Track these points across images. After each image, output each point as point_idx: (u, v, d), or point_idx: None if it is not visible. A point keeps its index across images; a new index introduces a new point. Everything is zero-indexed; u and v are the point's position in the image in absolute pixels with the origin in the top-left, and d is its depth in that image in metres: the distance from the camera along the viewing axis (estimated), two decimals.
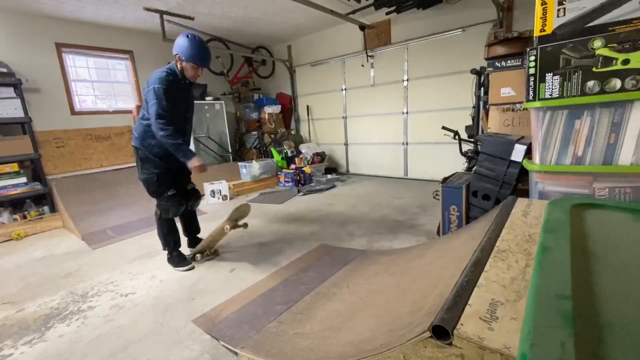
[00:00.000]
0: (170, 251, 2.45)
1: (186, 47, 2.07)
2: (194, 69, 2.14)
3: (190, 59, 2.09)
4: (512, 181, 2.06)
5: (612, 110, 1.44)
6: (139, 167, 2.31)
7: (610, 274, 0.84)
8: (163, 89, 2.04)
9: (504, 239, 1.16)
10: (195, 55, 2.09)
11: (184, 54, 2.08)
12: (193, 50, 2.07)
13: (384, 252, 2.30)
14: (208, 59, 2.19)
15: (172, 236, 2.44)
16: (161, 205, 2.35)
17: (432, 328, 0.78)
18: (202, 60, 2.14)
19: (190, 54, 2.08)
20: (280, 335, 1.47)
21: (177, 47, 2.09)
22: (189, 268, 2.40)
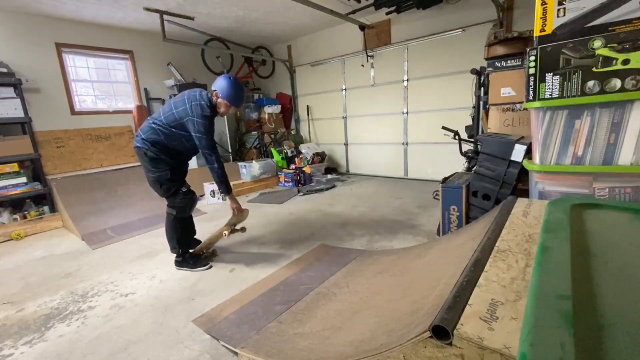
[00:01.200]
0: (183, 253, 2.41)
1: (226, 87, 2.20)
2: (226, 107, 2.24)
3: (227, 98, 2.20)
4: (512, 181, 2.06)
5: (612, 110, 1.44)
6: (149, 167, 2.25)
7: (610, 274, 0.84)
8: (210, 117, 2.18)
9: (504, 239, 1.16)
10: (232, 96, 2.22)
11: (222, 92, 2.20)
12: (232, 91, 2.20)
13: (384, 252, 2.30)
14: (242, 100, 2.36)
15: (184, 237, 2.42)
16: (176, 203, 2.32)
17: (432, 328, 0.78)
18: (238, 101, 2.27)
19: (228, 94, 2.20)
20: (280, 335, 1.47)
21: (217, 85, 2.21)
22: (208, 267, 2.39)
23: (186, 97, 2.21)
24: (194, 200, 2.41)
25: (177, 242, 2.39)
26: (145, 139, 2.22)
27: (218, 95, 2.20)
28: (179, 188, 2.33)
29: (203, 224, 3.53)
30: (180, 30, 4.87)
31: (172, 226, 2.37)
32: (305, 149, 5.92)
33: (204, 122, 2.14)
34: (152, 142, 2.22)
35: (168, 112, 2.22)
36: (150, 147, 2.22)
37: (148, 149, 2.21)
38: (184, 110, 2.17)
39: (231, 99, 2.21)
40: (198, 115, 2.13)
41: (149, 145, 2.21)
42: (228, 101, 2.20)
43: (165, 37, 4.41)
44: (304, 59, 6.18)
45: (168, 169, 2.26)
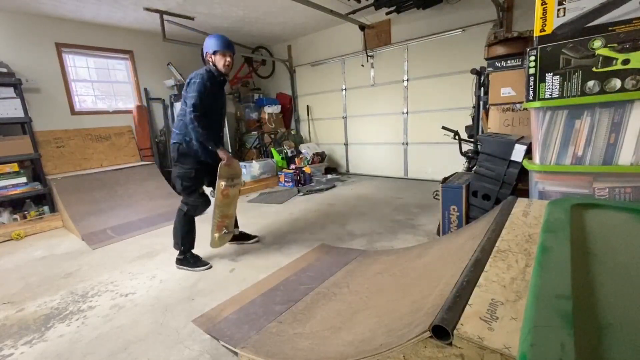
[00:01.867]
0: (185, 251, 2.45)
1: (210, 41, 2.30)
2: (221, 56, 2.29)
3: (215, 47, 2.28)
4: (512, 181, 2.06)
5: (612, 110, 1.44)
6: (177, 163, 2.37)
7: (610, 274, 0.84)
8: (203, 84, 2.21)
9: (504, 239, 1.16)
10: (217, 43, 2.29)
11: (210, 48, 2.30)
12: (215, 40, 2.29)
13: (384, 252, 2.30)
14: (230, 44, 2.35)
15: (189, 236, 2.46)
16: (190, 202, 2.40)
17: (432, 328, 0.78)
18: (225, 44, 2.30)
19: (213, 44, 2.29)
20: (280, 335, 1.47)
21: (205, 47, 2.33)
22: (208, 267, 2.42)
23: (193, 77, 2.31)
24: (207, 202, 2.47)
25: (181, 239, 2.43)
26: (179, 133, 2.33)
27: (209, 53, 2.31)
28: (199, 188, 2.42)
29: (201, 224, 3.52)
30: (180, 30, 4.86)
31: (181, 222, 2.43)
32: (305, 149, 5.92)
33: (196, 82, 2.22)
34: (184, 135, 2.31)
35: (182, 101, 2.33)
36: (182, 140, 2.32)
37: (181, 143, 2.32)
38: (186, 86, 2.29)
39: (218, 45, 2.28)
40: (191, 78, 2.26)
41: (180, 139, 2.32)
42: (216, 49, 2.28)
43: (165, 37, 4.41)
44: (304, 59, 6.18)
45: (194, 168, 2.35)
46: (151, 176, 4.55)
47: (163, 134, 5.34)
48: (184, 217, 2.42)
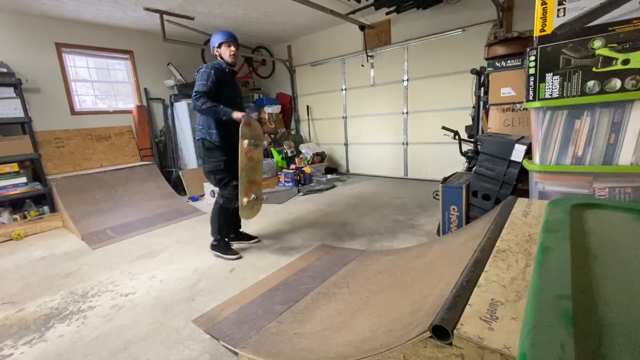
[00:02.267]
0: (220, 239, 2.58)
1: (214, 37, 2.45)
2: (226, 47, 2.41)
3: (219, 40, 2.41)
4: (512, 181, 2.06)
5: (612, 110, 1.44)
6: (206, 158, 2.46)
7: (610, 274, 0.84)
8: (208, 72, 2.31)
9: (504, 239, 1.16)
10: (220, 35, 2.42)
11: (214, 42, 2.43)
12: (218, 34, 2.43)
13: (384, 252, 2.30)
14: (233, 35, 2.46)
15: (225, 225, 2.58)
16: (225, 195, 2.48)
17: (432, 328, 0.78)
18: (228, 35, 2.43)
19: (217, 38, 2.43)
20: (280, 335, 1.47)
21: (210, 44, 2.47)
22: (237, 257, 2.52)
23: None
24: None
25: (217, 229, 2.55)
26: (201, 129, 2.42)
27: (215, 49, 2.44)
28: (231, 180, 2.46)
29: (202, 225, 3.53)
30: (180, 30, 4.86)
31: (217, 213, 2.53)
32: (305, 149, 5.92)
33: (203, 71, 2.32)
34: (208, 127, 2.40)
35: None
36: (206, 136, 2.40)
37: (205, 138, 2.41)
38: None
39: (221, 36, 2.41)
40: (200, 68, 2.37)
41: (205, 134, 2.40)
42: (221, 40, 2.40)
43: (165, 37, 4.41)
44: (304, 59, 6.18)
45: (222, 160, 2.42)
46: (151, 176, 4.55)
47: (163, 134, 5.34)
48: (220, 208, 2.51)
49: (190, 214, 3.90)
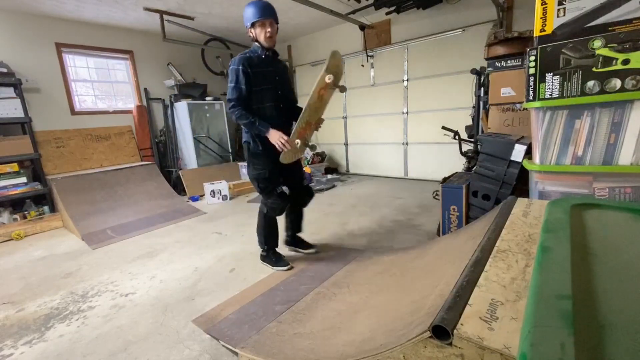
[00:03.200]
0: (268, 249, 2.36)
1: (246, 13, 1.98)
2: (261, 27, 1.97)
3: (252, 17, 1.95)
4: (512, 181, 2.06)
5: (612, 110, 1.44)
6: (250, 163, 2.19)
7: (610, 274, 0.84)
8: (236, 71, 1.98)
9: (504, 239, 1.16)
10: (254, 12, 1.95)
11: (247, 21, 1.98)
12: (251, 9, 1.95)
13: (384, 252, 2.30)
14: (269, 9, 1.98)
15: (272, 236, 2.33)
16: (268, 204, 2.22)
17: (432, 328, 0.78)
18: (262, 11, 1.95)
19: (250, 15, 1.96)
20: (280, 335, 1.47)
21: (244, 22, 2.02)
22: (288, 268, 2.25)
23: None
24: (286, 202, 2.27)
25: (264, 239, 2.33)
26: (246, 132, 2.15)
27: (249, 29, 2.02)
28: (275, 188, 2.21)
29: (203, 224, 3.53)
30: (180, 30, 4.86)
31: (262, 224, 2.31)
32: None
33: (231, 71, 2.01)
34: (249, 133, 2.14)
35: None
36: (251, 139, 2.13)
37: (249, 142, 2.14)
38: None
39: (252, 15, 1.95)
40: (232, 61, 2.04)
41: (249, 137, 2.13)
42: (254, 19, 1.95)
43: (165, 37, 4.41)
44: (304, 59, 6.18)
45: (266, 169, 2.15)
46: (151, 176, 4.56)
47: (163, 134, 5.34)
48: (264, 218, 2.28)
49: (190, 214, 3.90)
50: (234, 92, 2.01)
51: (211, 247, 2.83)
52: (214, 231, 3.26)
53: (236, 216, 3.75)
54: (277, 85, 2.15)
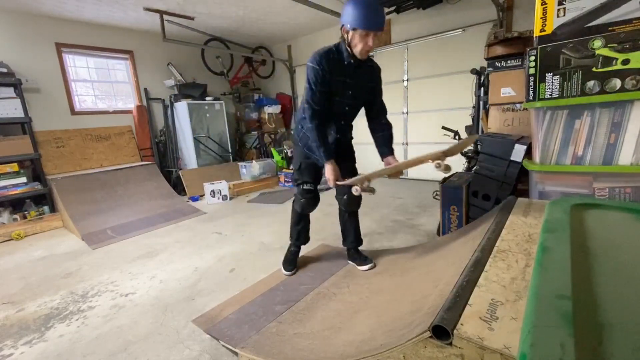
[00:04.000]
0: (290, 246, 2.25)
1: (352, 9, 1.54)
2: (362, 38, 1.59)
3: (357, 22, 1.54)
4: (512, 181, 2.06)
5: (612, 110, 1.44)
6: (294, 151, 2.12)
7: (610, 274, 0.84)
8: (314, 70, 1.69)
9: (504, 239, 1.16)
10: (362, 17, 1.53)
11: (349, 19, 1.56)
12: (360, 9, 1.52)
13: (383, 252, 2.30)
14: (379, 19, 1.58)
15: (296, 231, 2.21)
16: (296, 196, 2.15)
17: (432, 328, 0.78)
18: (373, 22, 1.55)
19: (354, 17, 1.54)
20: (280, 335, 1.47)
21: (343, 15, 1.61)
22: (290, 274, 2.15)
23: None
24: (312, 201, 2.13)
25: (290, 229, 2.24)
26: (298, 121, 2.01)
27: (346, 28, 1.61)
28: (303, 183, 2.07)
29: (203, 224, 3.53)
30: (180, 30, 4.86)
31: (292, 212, 2.23)
32: None
33: (309, 70, 1.72)
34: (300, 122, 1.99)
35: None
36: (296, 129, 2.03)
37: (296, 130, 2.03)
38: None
39: (360, 21, 1.54)
40: (310, 60, 1.74)
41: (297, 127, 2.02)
42: (358, 26, 1.55)
43: (165, 37, 4.41)
44: (304, 59, 6.18)
45: (300, 161, 2.03)
46: (151, 176, 4.56)
47: (163, 134, 5.34)
48: (292, 210, 2.21)
49: (190, 214, 3.90)
50: (311, 96, 1.74)
51: (211, 247, 2.83)
52: (214, 231, 3.26)
53: (236, 216, 3.75)
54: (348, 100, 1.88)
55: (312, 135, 1.77)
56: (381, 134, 1.99)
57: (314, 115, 1.75)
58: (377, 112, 2.00)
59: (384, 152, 1.97)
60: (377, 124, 2.00)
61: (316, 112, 1.76)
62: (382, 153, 1.98)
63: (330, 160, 1.80)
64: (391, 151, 1.96)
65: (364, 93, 1.92)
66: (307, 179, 2.07)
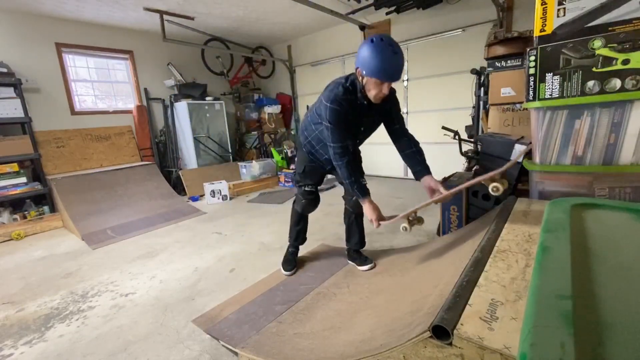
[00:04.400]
0: (289, 247, 2.27)
1: (368, 56, 1.51)
2: (377, 85, 1.58)
3: (371, 73, 1.54)
4: (512, 181, 2.06)
5: (612, 110, 1.43)
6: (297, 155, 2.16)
7: (610, 274, 0.84)
8: (337, 111, 1.64)
9: (504, 239, 1.16)
10: (377, 68, 1.51)
11: (364, 66, 1.54)
12: (376, 59, 1.50)
13: (383, 252, 2.30)
14: (396, 70, 1.56)
15: (294, 231, 2.22)
16: (297, 196, 2.16)
17: (432, 328, 0.78)
18: (387, 73, 1.54)
19: (370, 66, 1.52)
20: (280, 335, 1.47)
21: (358, 58, 1.57)
22: (289, 274, 2.16)
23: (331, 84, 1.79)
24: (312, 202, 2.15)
25: (289, 229, 2.26)
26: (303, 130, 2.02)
27: (361, 72, 1.58)
28: (305, 185, 2.09)
29: (202, 225, 3.53)
30: (180, 30, 4.86)
31: (292, 213, 2.24)
32: None
33: (333, 108, 1.64)
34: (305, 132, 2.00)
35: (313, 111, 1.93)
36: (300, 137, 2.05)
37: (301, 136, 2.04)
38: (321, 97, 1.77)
39: (378, 72, 1.52)
40: (327, 99, 1.67)
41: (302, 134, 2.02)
42: (375, 76, 1.53)
43: (165, 37, 4.41)
44: (304, 59, 6.18)
45: (303, 165, 2.05)
46: (151, 176, 4.56)
47: (163, 134, 5.34)
48: (292, 209, 2.22)
49: (190, 214, 3.90)
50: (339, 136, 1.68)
51: (211, 247, 2.83)
52: (214, 231, 3.27)
53: (236, 216, 3.75)
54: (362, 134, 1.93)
55: (345, 172, 1.72)
56: (410, 152, 1.87)
57: (344, 153, 1.70)
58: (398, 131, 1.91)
59: (420, 172, 1.83)
60: (402, 142, 1.91)
61: (345, 148, 1.70)
62: (418, 173, 1.83)
63: (367, 198, 1.75)
64: (428, 170, 1.82)
65: (378, 121, 1.92)
66: (309, 182, 2.09)
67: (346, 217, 2.25)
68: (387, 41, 1.53)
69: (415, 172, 1.85)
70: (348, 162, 1.70)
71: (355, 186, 1.73)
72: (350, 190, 1.77)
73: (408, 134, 1.91)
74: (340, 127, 1.67)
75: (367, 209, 1.75)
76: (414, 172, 1.85)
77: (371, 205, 1.75)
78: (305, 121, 1.97)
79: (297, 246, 2.28)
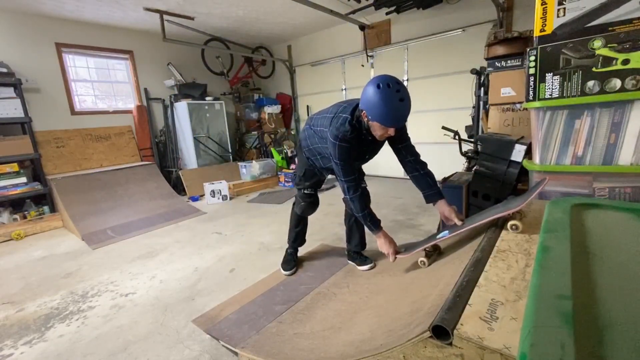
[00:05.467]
0: (287, 248, 2.29)
1: (373, 102, 1.48)
2: (382, 129, 1.56)
3: (376, 119, 1.51)
4: (512, 181, 2.06)
5: (612, 110, 1.43)
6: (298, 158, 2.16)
7: (610, 274, 0.84)
8: (345, 148, 1.66)
9: (504, 239, 1.16)
10: (382, 115, 1.49)
11: (370, 112, 1.51)
12: (383, 108, 1.48)
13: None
14: (402, 116, 1.55)
15: (294, 233, 2.24)
16: (297, 199, 2.19)
17: (432, 328, 0.78)
18: (393, 120, 1.53)
19: (377, 114, 1.49)
20: (280, 335, 1.47)
21: (363, 101, 1.54)
22: (289, 274, 2.16)
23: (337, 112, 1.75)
24: (311, 205, 2.17)
25: (289, 231, 2.27)
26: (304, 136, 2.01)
27: (367, 115, 1.56)
28: (305, 187, 2.11)
29: (202, 225, 3.53)
30: (180, 30, 4.86)
31: (291, 215, 2.26)
32: None
33: (342, 146, 1.65)
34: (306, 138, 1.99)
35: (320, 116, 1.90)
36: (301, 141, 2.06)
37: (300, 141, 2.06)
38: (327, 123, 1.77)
39: (383, 120, 1.50)
40: (334, 137, 1.66)
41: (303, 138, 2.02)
42: (379, 121, 1.51)
43: (165, 37, 4.41)
44: (304, 59, 6.18)
45: (304, 168, 2.06)
46: (151, 176, 4.56)
47: (163, 134, 5.34)
48: (292, 209, 2.24)
49: (190, 214, 3.90)
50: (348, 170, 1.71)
51: (211, 247, 2.83)
52: (214, 231, 3.27)
53: (236, 216, 3.75)
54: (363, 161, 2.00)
55: (357, 206, 1.72)
56: (418, 174, 1.83)
57: (355, 187, 1.73)
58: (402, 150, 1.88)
59: (432, 197, 1.75)
60: (408, 164, 1.89)
61: (355, 181, 1.73)
62: (429, 197, 1.76)
63: (381, 231, 1.73)
64: (440, 194, 1.74)
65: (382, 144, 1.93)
66: (309, 185, 2.10)
67: (347, 219, 2.25)
68: (394, 88, 1.48)
69: (427, 197, 1.78)
70: (360, 196, 1.73)
71: (368, 219, 1.74)
72: (362, 222, 1.78)
73: (414, 153, 1.89)
74: (349, 163, 1.71)
75: (382, 243, 1.73)
76: (425, 196, 1.79)
77: (386, 240, 1.73)
78: (309, 131, 1.95)
79: (296, 248, 2.30)
